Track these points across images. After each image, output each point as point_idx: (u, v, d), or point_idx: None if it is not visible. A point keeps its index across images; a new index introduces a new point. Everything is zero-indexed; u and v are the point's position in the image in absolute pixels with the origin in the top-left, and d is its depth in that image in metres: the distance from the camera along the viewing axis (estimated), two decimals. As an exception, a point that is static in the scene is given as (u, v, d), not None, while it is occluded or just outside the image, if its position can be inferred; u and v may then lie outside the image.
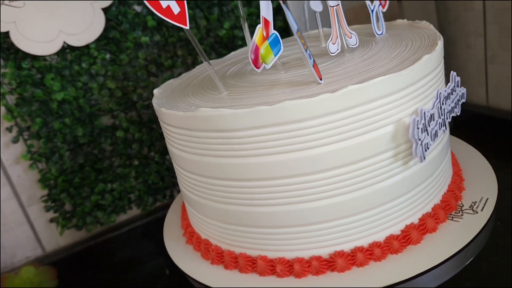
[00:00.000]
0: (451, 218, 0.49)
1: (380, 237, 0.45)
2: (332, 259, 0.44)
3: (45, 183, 0.77)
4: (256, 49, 0.44)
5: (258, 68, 0.45)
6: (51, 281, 0.70)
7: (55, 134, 0.76)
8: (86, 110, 0.77)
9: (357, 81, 0.41)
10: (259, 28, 0.44)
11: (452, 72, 0.49)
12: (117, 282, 0.79)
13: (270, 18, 0.45)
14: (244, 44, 0.82)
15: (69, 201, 0.79)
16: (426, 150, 0.43)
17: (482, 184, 0.54)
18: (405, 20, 0.61)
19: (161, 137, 0.83)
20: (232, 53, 0.70)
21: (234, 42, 0.83)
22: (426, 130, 0.42)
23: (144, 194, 0.85)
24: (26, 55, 0.71)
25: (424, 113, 0.42)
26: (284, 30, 0.85)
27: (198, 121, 0.43)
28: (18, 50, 0.70)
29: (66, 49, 0.74)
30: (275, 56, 0.45)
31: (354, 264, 0.44)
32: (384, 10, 0.55)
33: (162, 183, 0.86)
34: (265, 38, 0.45)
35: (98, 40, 0.75)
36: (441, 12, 0.90)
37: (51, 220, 0.80)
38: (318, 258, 0.45)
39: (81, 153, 0.78)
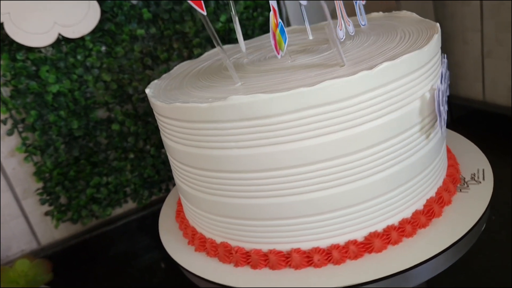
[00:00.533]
0: (459, 190, 0.50)
1: (408, 213, 0.45)
2: (368, 241, 0.44)
3: (40, 176, 0.77)
4: (274, 35, 0.46)
5: (278, 53, 0.47)
6: (46, 274, 0.70)
7: (50, 126, 0.75)
8: (82, 103, 0.76)
9: (385, 59, 0.42)
10: (272, 16, 0.46)
11: (442, 53, 0.50)
12: (112, 275, 0.79)
13: (276, 8, 0.46)
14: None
15: (64, 194, 0.79)
16: (444, 123, 0.45)
17: (472, 159, 0.56)
18: (380, 13, 0.62)
19: (156, 130, 0.83)
20: (206, 53, 0.67)
21: (230, 35, 0.82)
22: (443, 104, 0.45)
23: (139, 188, 0.85)
24: (20, 47, 0.71)
25: (439, 88, 0.44)
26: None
27: (228, 110, 0.40)
28: (12, 42, 0.70)
29: (61, 41, 0.73)
30: (284, 43, 0.47)
31: (389, 243, 0.44)
32: (364, 3, 0.56)
33: (158, 176, 0.86)
34: (276, 25, 0.46)
35: (93, 32, 0.74)
36: (438, 7, 0.90)
37: (46, 213, 0.80)
38: (354, 242, 0.44)
39: (77, 146, 0.78)
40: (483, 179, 0.51)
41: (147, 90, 0.52)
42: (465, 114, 0.91)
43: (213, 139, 0.43)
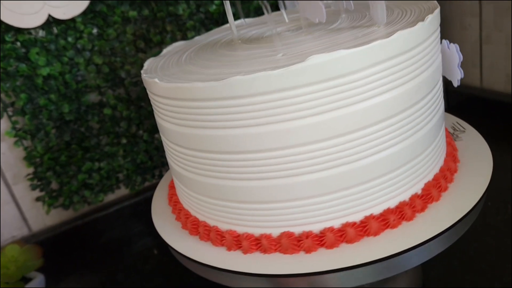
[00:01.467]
0: (454, 139, 0.55)
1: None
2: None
3: (31, 160, 0.76)
4: None
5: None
6: (36, 260, 0.69)
7: (41, 110, 0.74)
8: (72, 87, 0.75)
9: (408, 22, 0.43)
10: None
11: None
12: (104, 262, 0.78)
13: None
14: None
15: (55, 179, 0.78)
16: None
17: None
18: None
19: (150, 115, 0.81)
20: (165, 50, 0.62)
21: (225, 18, 0.81)
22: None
23: (132, 174, 0.83)
24: (9, 28, 0.69)
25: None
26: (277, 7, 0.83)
27: (307, 72, 0.37)
28: (1, 23, 0.68)
29: (52, 22, 0.72)
30: None
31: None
32: None
33: (151, 162, 0.84)
34: None
35: (84, 13, 0.72)
36: (436, -8, 0.89)
37: (37, 199, 0.79)
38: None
39: (68, 131, 0.76)
40: (463, 128, 0.56)
41: (152, 80, 0.47)
42: (462, 101, 0.90)
43: (283, 111, 0.39)
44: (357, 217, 0.43)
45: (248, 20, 0.68)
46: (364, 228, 0.42)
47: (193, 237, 0.51)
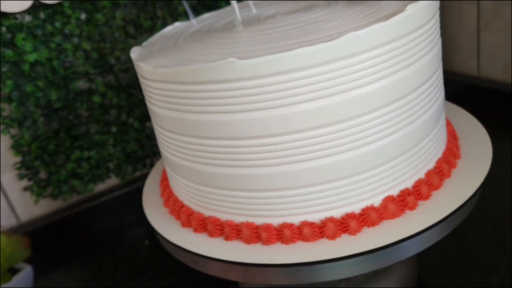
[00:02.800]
0: None
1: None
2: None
3: (18, 149, 0.74)
4: None
5: None
6: (24, 250, 0.67)
7: (28, 97, 0.72)
8: (60, 73, 0.73)
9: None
10: None
11: None
12: (94, 253, 0.77)
13: None
14: (228, 4, 0.77)
15: (43, 168, 0.76)
16: None
17: None
18: None
19: (140, 102, 0.79)
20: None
21: (217, 3, 0.79)
22: None
23: (123, 163, 0.82)
24: (-6, 12, 0.67)
25: None
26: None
27: (406, 23, 0.38)
28: (-15, 6, 0.66)
29: (38, 7, 0.69)
30: None
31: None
32: None
33: (142, 151, 0.83)
34: None
35: (72, -3, 0.70)
36: (434, -22, 0.87)
37: (25, 189, 0.77)
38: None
39: (56, 119, 0.74)
40: None
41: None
42: (459, 90, 0.89)
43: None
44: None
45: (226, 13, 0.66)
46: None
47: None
